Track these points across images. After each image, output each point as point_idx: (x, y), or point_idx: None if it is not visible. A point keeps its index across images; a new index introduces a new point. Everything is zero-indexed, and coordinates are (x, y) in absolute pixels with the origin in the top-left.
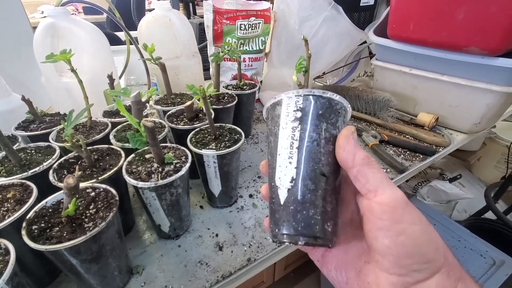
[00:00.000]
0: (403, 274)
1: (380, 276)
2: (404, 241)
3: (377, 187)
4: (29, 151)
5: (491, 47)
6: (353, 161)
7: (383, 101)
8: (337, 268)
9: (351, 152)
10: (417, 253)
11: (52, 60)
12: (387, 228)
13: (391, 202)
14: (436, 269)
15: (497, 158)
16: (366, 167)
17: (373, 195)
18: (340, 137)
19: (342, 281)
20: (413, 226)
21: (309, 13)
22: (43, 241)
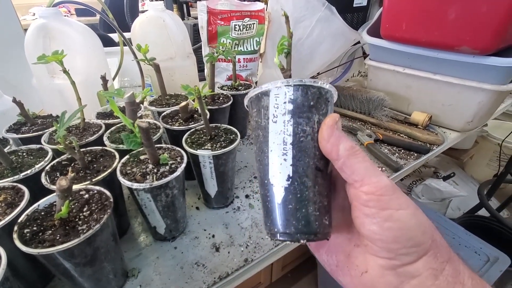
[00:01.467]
0: (391, 258)
1: (368, 259)
2: (391, 226)
3: (363, 176)
4: (21, 154)
5: (482, 46)
6: (337, 153)
7: (377, 101)
8: (328, 252)
9: (335, 144)
10: (404, 237)
11: (44, 61)
12: (374, 215)
13: (377, 191)
14: (423, 252)
15: (489, 156)
16: (352, 157)
17: (359, 184)
18: (324, 127)
19: (333, 264)
20: (400, 212)
21: (303, 14)
22: (35, 244)
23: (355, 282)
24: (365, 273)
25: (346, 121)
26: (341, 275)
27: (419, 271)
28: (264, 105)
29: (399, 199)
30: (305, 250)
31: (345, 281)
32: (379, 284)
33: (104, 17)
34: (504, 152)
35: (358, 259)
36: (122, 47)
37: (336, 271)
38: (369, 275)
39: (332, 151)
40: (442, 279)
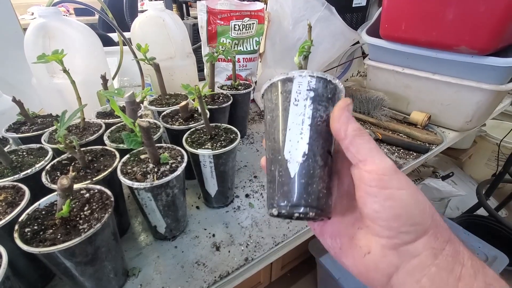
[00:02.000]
0: (392, 237)
1: (371, 239)
2: (391, 205)
3: (367, 156)
4: (21, 153)
5: (481, 46)
6: (345, 132)
7: (376, 100)
8: (332, 236)
9: (344, 123)
10: (405, 215)
11: (44, 61)
12: (375, 194)
13: (379, 170)
14: (423, 232)
15: (487, 156)
16: (358, 138)
17: (363, 164)
18: (336, 108)
19: (337, 246)
20: (400, 191)
21: (303, 14)
22: (36, 243)
23: (357, 263)
24: (368, 254)
25: None
26: (344, 257)
27: (419, 250)
28: (287, 89)
29: (400, 180)
30: (304, 250)
31: (348, 263)
32: (381, 264)
33: (104, 16)
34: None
35: (361, 241)
36: (121, 47)
37: (340, 253)
38: (371, 255)
39: (340, 130)
40: (441, 258)
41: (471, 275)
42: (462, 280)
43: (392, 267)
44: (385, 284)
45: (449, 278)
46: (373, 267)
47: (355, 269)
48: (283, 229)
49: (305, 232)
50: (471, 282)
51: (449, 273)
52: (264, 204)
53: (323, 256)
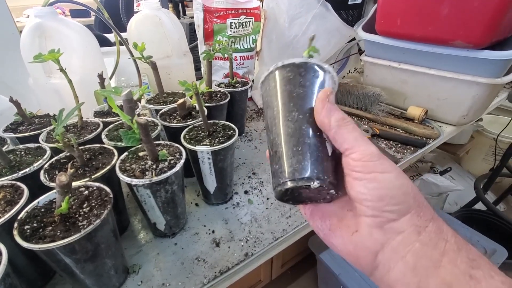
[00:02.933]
0: (377, 216)
1: (358, 220)
2: (375, 187)
3: (353, 145)
4: (19, 153)
5: (476, 40)
6: (329, 124)
7: (373, 96)
8: (322, 218)
9: (326, 116)
10: (388, 195)
11: (41, 60)
12: (361, 178)
13: (363, 157)
14: (406, 210)
15: (485, 150)
16: (342, 128)
17: (349, 152)
18: (317, 101)
19: (326, 228)
20: (383, 174)
21: (299, 11)
22: (36, 240)
23: (346, 241)
24: (355, 232)
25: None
26: (333, 237)
27: (403, 227)
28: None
29: (383, 164)
30: (304, 247)
31: (337, 242)
32: (368, 241)
33: (100, 16)
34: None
35: (350, 221)
36: (118, 47)
37: (329, 234)
38: (358, 234)
39: (324, 123)
40: (425, 234)
41: (454, 250)
42: (446, 255)
43: (378, 244)
44: (372, 262)
45: (433, 253)
46: (360, 244)
47: (344, 248)
48: (282, 224)
49: (304, 226)
50: (454, 257)
51: (432, 249)
52: (263, 200)
53: (323, 253)
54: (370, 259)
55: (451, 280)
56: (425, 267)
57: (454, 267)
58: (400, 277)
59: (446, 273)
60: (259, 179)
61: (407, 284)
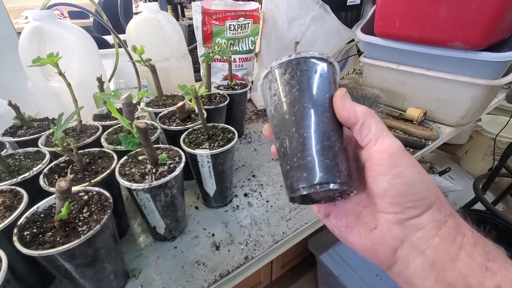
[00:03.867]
0: (398, 212)
1: (377, 216)
2: (400, 182)
3: (378, 136)
4: (18, 157)
5: (474, 41)
6: (355, 116)
7: (372, 97)
8: (337, 216)
9: (351, 109)
10: (411, 192)
11: (39, 64)
12: (385, 172)
13: (389, 149)
14: (428, 206)
15: (483, 150)
16: (369, 118)
17: (373, 144)
18: (336, 99)
19: (342, 226)
20: (408, 169)
21: (298, 13)
22: (36, 246)
23: (363, 239)
24: (374, 229)
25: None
26: (350, 234)
27: (424, 223)
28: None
29: (408, 159)
30: (304, 248)
31: (354, 239)
32: (387, 237)
33: (99, 18)
34: (498, 146)
35: (368, 217)
36: (117, 49)
37: (345, 232)
38: (377, 231)
39: (349, 116)
40: (445, 229)
41: (471, 244)
42: (464, 249)
43: (397, 240)
44: (391, 257)
45: (451, 247)
46: (379, 241)
47: (361, 244)
48: (282, 227)
49: (304, 229)
50: (471, 250)
51: (451, 243)
52: (263, 203)
53: (323, 254)
54: (389, 255)
55: (468, 272)
56: (443, 261)
57: (471, 260)
58: (419, 271)
59: (463, 265)
60: (258, 182)
61: (425, 277)
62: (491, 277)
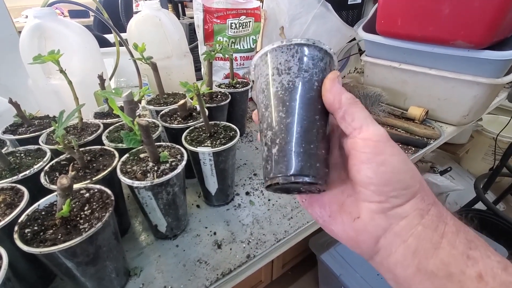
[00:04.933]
0: (382, 201)
1: (361, 205)
2: (384, 170)
3: (362, 124)
4: (18, 155)
5: (476, 40)
6: (339, 102)
7: (374, 96)
8: (321, 205)
9: (337, 93)
10: (396, 180)
11: (40, 61)
12: (370, 160)
13: (374, 137)
14: (411, 195)
15: (484, 150)
16: (352, 106)
17: (358, 132)
18: (327, 80)
19: (326, 215)
20: (393, 157)
21: (299, 11)
22: (37, 244)
23: (347, 228)
24: (357, 219)
25: None
26: (333, 224)
27: (407, 212)
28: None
29: (392, 147)
30: (305, 248)
31: (337, 229)
32: (370, 227)
33: (100, 16)
34: (499, 146)
35: (351, 207)
36: (118, 47)
37: (329, 221)
38: (360, 220)
39: (334, 101)
40: (427, 218)
41: (453, 232)
42: (445, 237)
43: (380, 229)
44: (373, 247)
45: (434, 235)
46: (362, 230)
47: (344, 234)
48: (284, 226)
49: (306, 228)
50: (453, 238)
51: (433, 231)
52: (265, 202)
53: (324, 253)
54: (371, 244)
55: (450, 260)
56: (425, 249)
57: (452, 248)
58: (400, 260)
59: (444, 254)
60: (260, 180)
61: (407, 266)
62: (472, 266)
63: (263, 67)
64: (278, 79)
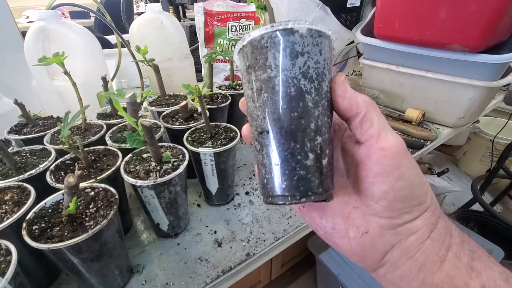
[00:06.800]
0: (394, 217)
1: (369, 219)
2: (402, 186)
3: (380, 131)
4: (24, 154)
5: (472, 44)
6: (357, 106)
7: (372, 98)
8: (323, 216)
9: (353, 97)
10: (412, 197)
11: (45, 63)
12: (388, 173)
13: (393, 147)
14: (424, 210)
15: (481, 152)
16: (371, 110)
17: (375, 140)
18: (336, 85)
19: (328, 227)
20: (410, 171)
21: (298, 14)
22: (44, 240)
23: (353, 243)
24: (365, 234)
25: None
26: (337, 237)
27: (418, 227)
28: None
29: (410, 159)
30: (304, 248)
31: (343, 243)
32: (378, 243)
33: (102, 19)
34: (496, 148)
35: (357, 220)
36: (120, 49)
37: (332, 233)
38: (369, 235)
39: (351, 106)
40: (436, 231)
41: (458, 244)
42: (451, 250)
43: (389, 245)
44: (378, 262)
45: (441, 249)
46: (369, 245)
47: (349, 248)
48: (283, 225)
49: (304, 227)
50: (458, 250)
51: (441, 245)
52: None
53: (323, 253)
54: (377, 259)
55: (455, 273)
56: (431, 263)
57: (457, 261)
58: (406, 274)
59: (450, 267)
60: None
61: (412, 280)
62: (476, 277)
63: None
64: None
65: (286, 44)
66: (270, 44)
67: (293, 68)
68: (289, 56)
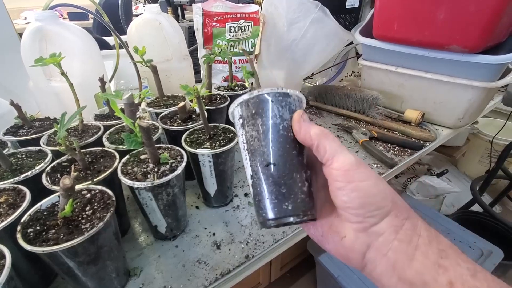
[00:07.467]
0: (360, 221)
1: (345, 225)
2: (357, 196)
3: (333, 155)
4: (20, 156)
5: (471, 45)
6: (310, 138)
7: (371, 99)
8: (314, 226)
9: (307, 132)
10: (368, 203)
11: (42, 64)
12: (343, 187)
13: (343, 167)
14: (385, 213)
15: (480, 153)
16: (323, 139)
17: (330, 162)
18: (294, 123)
19: (319, 234)
20: (363, 183)
21: (297, 15)
22: (39, 243)
23: (337, 246)
24: (344, 238)
25: (341, 120)
26: (325, 243)
27: (384, 229)
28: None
29: (362, 173)
30: (303, 249)
31: (329, 247)
32: (356, 244)
33: (101, 20)
34: (495, 149)
35: (338, 227)
36: (118, 50)
37: (322, 240)
38: (347, 239)
39: (306, 138)
40: (402, 233)
41: (426, 243)
42: (418, 249)
43: (364, 246)
44: (361, 261)
45: (408, 248)
46: (350, 248)
47: (336, 251)
48: (282, 227)
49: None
50: (426, 249)
51: (408, 244)
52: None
53: (322, 255)
54: (360, 259)
55: (423, 270)
56: (402, 261)
57: (425, 259)
58: (384, 271)
59: (418, 264)
60: None
61: (390, 277)
62: (443, 274)
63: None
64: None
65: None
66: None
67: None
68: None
